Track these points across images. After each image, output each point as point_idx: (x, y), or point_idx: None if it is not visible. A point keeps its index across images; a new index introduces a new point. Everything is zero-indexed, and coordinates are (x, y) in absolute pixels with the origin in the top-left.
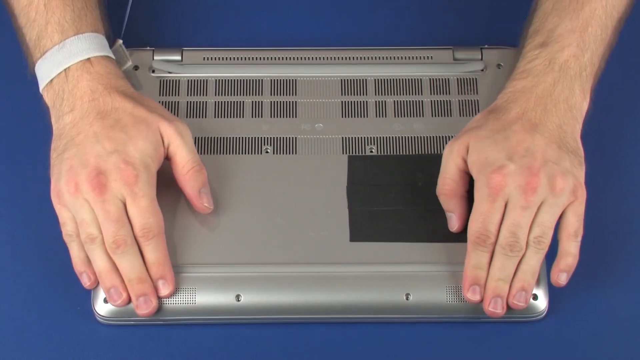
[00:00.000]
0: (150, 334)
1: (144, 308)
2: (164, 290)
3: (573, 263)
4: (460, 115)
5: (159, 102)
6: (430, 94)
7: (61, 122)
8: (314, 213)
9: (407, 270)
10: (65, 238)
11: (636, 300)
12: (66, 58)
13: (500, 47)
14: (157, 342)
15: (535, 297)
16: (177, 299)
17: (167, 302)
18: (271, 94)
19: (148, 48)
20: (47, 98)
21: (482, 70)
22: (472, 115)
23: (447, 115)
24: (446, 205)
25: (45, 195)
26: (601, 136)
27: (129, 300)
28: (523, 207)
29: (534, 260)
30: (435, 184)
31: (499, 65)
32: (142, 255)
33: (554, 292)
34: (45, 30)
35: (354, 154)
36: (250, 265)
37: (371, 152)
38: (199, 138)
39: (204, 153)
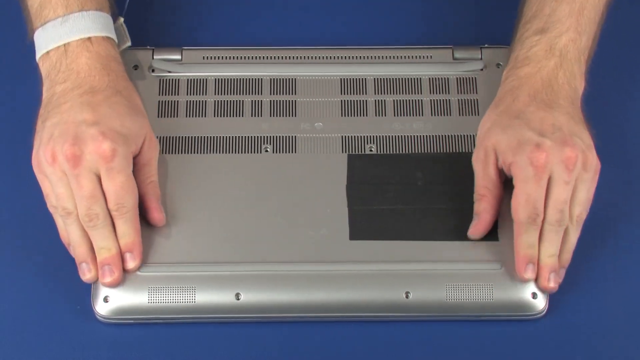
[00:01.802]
0: (150, 333)
1: (106, 277)
2: (131, 263)
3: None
4: (459, 115)
5: (159, 101)
6: (430, 93)
7: (51, 91)
8: (314, 212)
9: (407, 268)
10: (50, 209)
11: (636, 299)
12: (67, 33)
13: (499, 47)
14: (157, 342)
15: (534, 296)
16: (176, 298)
17: (167, 300)
18: (271, 93)
19: (148, 47)
20: (43, 67)
21: (482, 69)
22: (472, 115)
23: (447, 115)
24: (480, 208)
25: None
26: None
27: (97, 277)
28: (565, 182)
29: (573, 238)
30: (434, 183)
31: (498, 65)
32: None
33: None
34: (49, 0)
35: (353, 152)
36: (250, 264)
37: (371, 151)
38: (198, 137)
39: (204, 152)
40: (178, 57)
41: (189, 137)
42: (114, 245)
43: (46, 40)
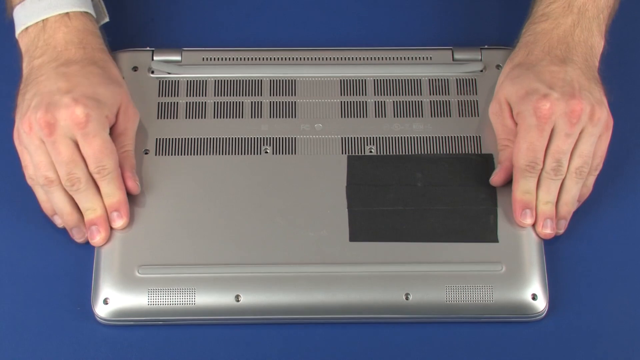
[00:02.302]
0: (150, 335)
1: (94, 236)
2: (118, 222)
3: (587, 193)
4: (459, 116)
5: (158, 103)
6: (430, 94)
7: (30, 66)
8: (314, 213)
9: (407, 270)
10: (28, 181)
11: (636, 299)
12: (45, 9)
13: (499, 48)
14: (157, 343)
15: (534, 297)
16: (176, 300)
17: (167, 302)
18: (270, 95)
19: (147, 48)
20: (22, 43)
21: (482, 70)
22: (472, 116)
23: (447, 116)
24: (503, 156)
25: None
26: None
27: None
28: (567, 135)
29: (574, 190)
30: (434, 184)
31: (498, 66)
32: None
33: (553, 293)
34: None
35: (353, 154)
36: (250, 266)
37: (370, 152)
38: (198, 139)
39: (204, 154)
40: (178, 58)
41: (188, 138)
42: (99, 205)
43: (25, 16)
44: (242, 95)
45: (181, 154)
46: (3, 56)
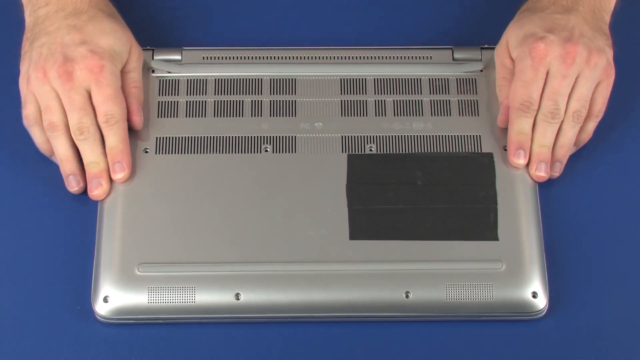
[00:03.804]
0: (150, 334)
1: (95, 189)
2: (120, 174)
3: (586, 139)
4: (459, 115)
5: (159, 102)
6: (430, 93)
7: (35, 15)
8: (314, 212)
9: (407, 268)
10: (25, 122)
11: (636, 299)
12: None
13: None
14: (157, 342)
15: (534, 295)
16: (176, 298)
17: (167, 300)
18: (271, 93)
19: (148, 48)
20: None
21: (482, 70)
22: (472, 115)
23: (447, 115)
24: (501, 96)
25: (46, 195)
26: (603, 138)
27: (84, 188)
28: (563, 76)
29: (571, 133)
30: (434, 182)
31: None
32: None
33: (553, 291)
34: None
35: (353, 152)
36: (250, 264)
37: (371, 150)
38: (198, 138)
39: (204, 152)
40: (178, 57)
41: (188, 137)
42: (102, 159)
43: None
44: (242, 94)
45: (181, 153)
46: None
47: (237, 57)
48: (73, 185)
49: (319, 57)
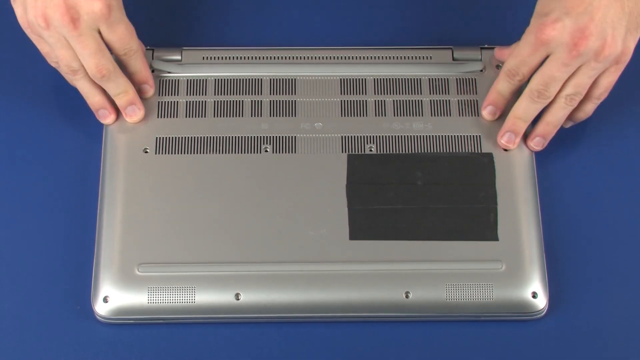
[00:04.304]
0: (150, 334)
1: (134, 116)
2: (150, 91)
3: (583, 118)
4: (459, 115)
5: (158, 102)
6: (430, 93)
7: None
8: (314, 212)
9: (407, 268)
10: (52, 64)
11: (636, 299)
12: None
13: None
14: (157, 341)
15: (534, 296)
16: (176, 298)
17: (167, 300)
18: (270, 93)
19: (148, 48)
20: None
21: (481, 70)
22: (472, 115)
23: (446, 115)
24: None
25: (46, 195)
26: (604, 135)
27: (117, 117)
28: (564, 64)
29: (561, 114)
30: (434, 182)
31: (498, 66)
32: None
33: (553, 291)
34: None
35: (353, 152)
36: (250, 264)
37: (370, 151)
38: (198, 138)
39: (204, 153)
40: (178, 57)
41: (188, 137)
42: (129, 87)
43: None
44: (242, 94)
45: (181, 153)
46: None
47: (237, 57)
48: (105, 118)
49: (319, 57)
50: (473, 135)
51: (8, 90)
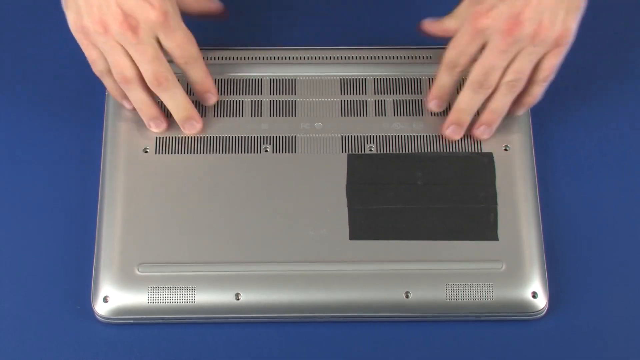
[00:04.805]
0: (150, 334)
1: (192, 130)
2: (213, 99)
3: (532, 102)
4: None
5: (158, 102)
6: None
7: None
8: (314, 211)
9: (407, 268)
10: (97, 74)
11: (636, 299)
12: None
13: None
14: (157, 341)
15: (534, 295)
16: (176, 298)
17: (167, 300)
18: (270, 93)
19: None
20: None
21: None
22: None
23: (447, 115)
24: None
25: (46, 195)
26: (604, 135)
27: (169, 125)
28: (501, 51)
29: (504, 101)
30: (434, 182)
31: None
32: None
33: (553, 291)
34: None
35: (353, 152)
36: (250, 264)
37: (370, 150)
38: (198, 137)
39: (204, 152)
40: None
41: (188, 137)
42: (186, 101)
43: None
44: (242, 94)
45: (181, 153)
46: None
47: (237, 57)
48: (155, 127)
49: (319, 57)
50: None
51: (8, 90)
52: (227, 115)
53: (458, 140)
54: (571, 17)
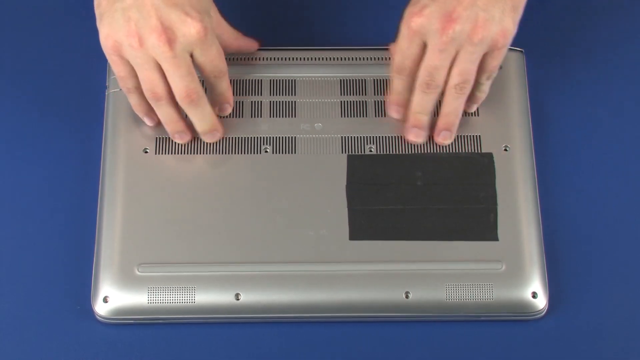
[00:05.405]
0: (150, 334)
1: (212, 139)
2: (228, 111)
3: (482, 97)
4: None
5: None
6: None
7: None
8: (314, 212)
9: (407, 268)
10: (124, 89)
11: (636, 299)
12: None
13: None
14: (156, 341)
15: (534, 296)
16: (176, 298)
17: (167, 300)
18: (270, 94)
19: None
20: None
21: None
22: (472, 115)
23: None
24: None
25: (46, 194)
26: (604, 135)
27: (193, 137)
28: (440, 51)
29: (456, 104)
30: (434, 183)
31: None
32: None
33: (553, 291)
34: None
35: (353, 153)
36: (250, 264)
37: (370, 151)
38: (198, 138)
39: (203, 152)
40: None
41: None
42: (212, 116)
43: None
44: (242, 94)
45: (181, 153)
46: None
47: (237, 58)
48: (181, 140)
49: (319, 58)
50: (473, 135)
51: (8, 90)
52: (227, 116)
53: (458, 141)
54: (508, 18)
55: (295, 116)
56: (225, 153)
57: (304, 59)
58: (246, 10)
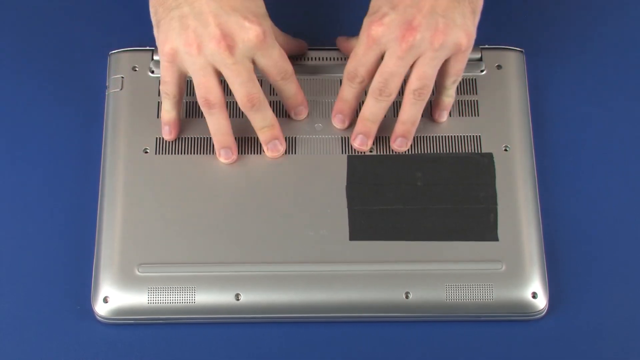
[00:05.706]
0: (150, 334)
1: (275, 151)
2: (304, 113)
3: (450, 102)
4: (459, 116)
5: (158, 102)
6: (430, 94)
7: None
8: (314, 212)
9: (407, 268)
10: (162, 92)
11: (636, 299)
12: None
13: (499, 48)
14: (157, 341)
15: (534, 296)
16: (176, 299)
17: (167, 301)
18: (270, 94)
19: (147, 48)
20: None
21: (482, 70)
22: (472, 116)
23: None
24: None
25: (46, 194)
26: (604, 135)
27: (236, 159)
28: (399, 58)
29: (414, 110)
30: (434, 183)
31: (498, 66)
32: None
33: (553, 291)
34: None
35: (353, 153)
36: (250, 264)
37: (371, 151)
38: (198, 138)
39: (203, 153)
40: None
41: (188, 137)
42: (274, 121)
43: None
44: None
45: (181, 153)
46: None
47: None
48: (225, 157)
49: (319, 58)
50: (473, 135)
51: (8, 89)
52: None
53: (458, 141)
54: (469, 22)
55: None
56: None
57: (304, 58)
58: None
